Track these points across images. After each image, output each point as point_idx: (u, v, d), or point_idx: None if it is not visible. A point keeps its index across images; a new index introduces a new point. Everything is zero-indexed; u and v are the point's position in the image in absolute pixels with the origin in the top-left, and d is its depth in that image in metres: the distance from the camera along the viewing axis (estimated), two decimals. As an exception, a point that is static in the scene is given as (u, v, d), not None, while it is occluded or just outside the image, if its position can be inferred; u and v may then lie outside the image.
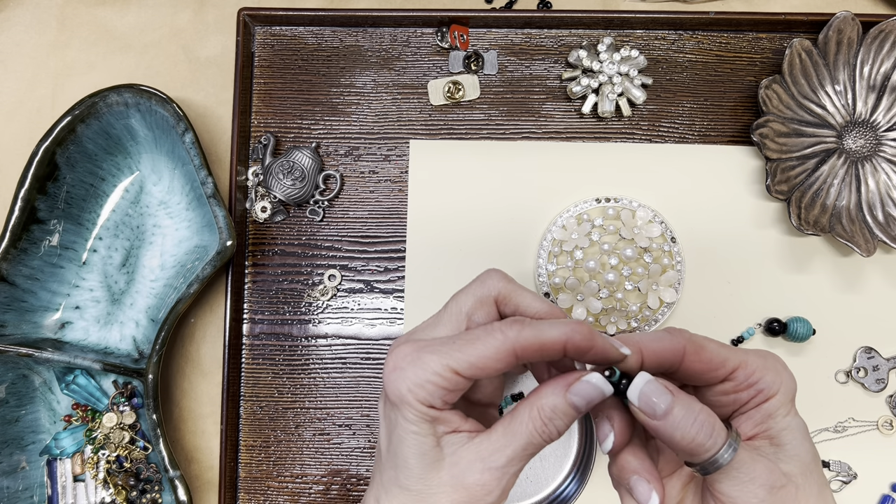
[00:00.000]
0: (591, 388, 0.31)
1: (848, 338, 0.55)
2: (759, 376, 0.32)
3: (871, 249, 0.51)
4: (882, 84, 0.54)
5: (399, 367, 0.31)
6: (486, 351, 0.30)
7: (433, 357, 0.30)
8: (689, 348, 0.32)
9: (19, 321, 0.53)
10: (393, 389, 0.31)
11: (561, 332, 0.30)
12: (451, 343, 0.31)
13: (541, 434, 0.31)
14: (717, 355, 0.32)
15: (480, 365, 0.30)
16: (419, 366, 0.30)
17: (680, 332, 0.32)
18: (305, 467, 0.56)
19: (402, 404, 0.31)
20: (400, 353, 0.31)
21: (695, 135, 0.56)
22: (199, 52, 0.59)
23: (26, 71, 0.59)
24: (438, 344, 0.31)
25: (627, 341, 0.31)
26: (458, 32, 0.56)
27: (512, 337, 0.30)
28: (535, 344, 0.30)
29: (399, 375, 0.31)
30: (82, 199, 0.55)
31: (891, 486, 0.54)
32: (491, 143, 0.57)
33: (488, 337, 0.30)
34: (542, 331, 0.30)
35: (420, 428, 0.31)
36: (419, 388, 0.30)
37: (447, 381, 0.30)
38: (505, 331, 0.30)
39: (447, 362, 0.30)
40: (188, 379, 0.57)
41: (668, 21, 0.56)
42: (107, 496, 0.54)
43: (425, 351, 0.31)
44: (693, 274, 0.55)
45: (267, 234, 0.57)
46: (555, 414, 0.31)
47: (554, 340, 0.30)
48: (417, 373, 0.30)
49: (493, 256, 0.56)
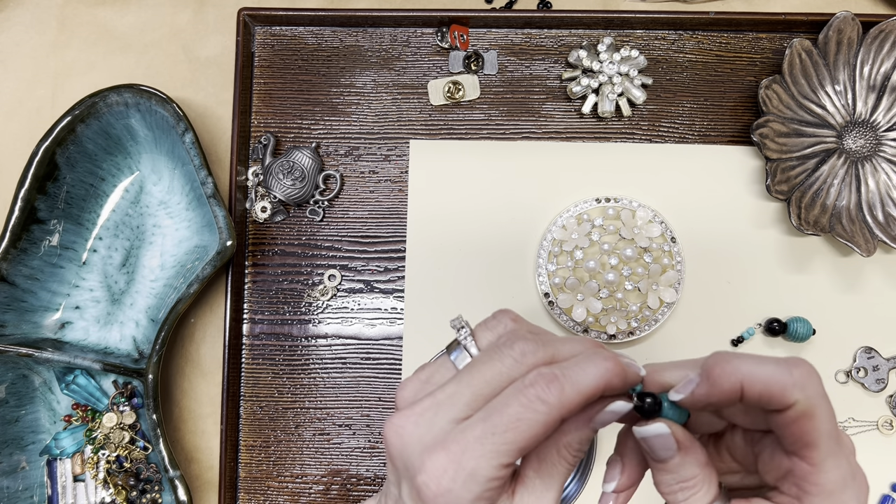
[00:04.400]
0: (615, 416, 0.28)
1: (848, 338, 0.55)
2: (816, 493, 0.27)
3: (871, 249, 0.51)
4: (882, 84, 0.54)
5: (446, 490, 0.26)
6: (533, 430, 0.26)
7: (482, 462, 0.26)
8: (801, 407, 0.26)
9: (19, 321, 0.53)
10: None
11: (599, 379, 0.27)
12: (489, 433, 0.26)
13: (573, 466, 0.29)
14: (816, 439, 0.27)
15: (531, 446, 0.26)
16: (471, 480, 0.26)
17: (807, 378, 0.26)
18: (305, 467, 0.56)
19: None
20: (437, 472, 0.26)
21: (695, 135, 0.56)
22: (199, 52, 0.59)
23: (26, 71, 0.59)
24: (475, 440, 0.26)
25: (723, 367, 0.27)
26: (458, 32, 0.56)
27: (556, 404, 0.26)
28: (579, 402, 0.26)
29: (451, 500, 0.26)
30: (82, 199, 0.55)
31: (891, 486, 0.54)
32: (491, 143, 0.56)
33: (528, 412, 0.26)
34: (580, 385, 0.26)
35: None
36: (479, 502, 0.26)
37: (503, 479, 0.27)
38: (544, 397, 0.26)
39: (498, 461, 0.26)
40: (188, 379, 0.57)
41: (668, 21, 0.56)
42: (107, 496, 0.54)
43: (467, 457, 0.26)
44: (693, 274, 0.55)
45: (267, 234, 0.57)
46: (581, 445, 0.29)
47: (594, 391, 0.27)
48: (472, 488, 0.26)
49: (493, 256, 0.56)
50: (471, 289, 0.56)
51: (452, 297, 0.55)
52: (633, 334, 0.53)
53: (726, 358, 0.27)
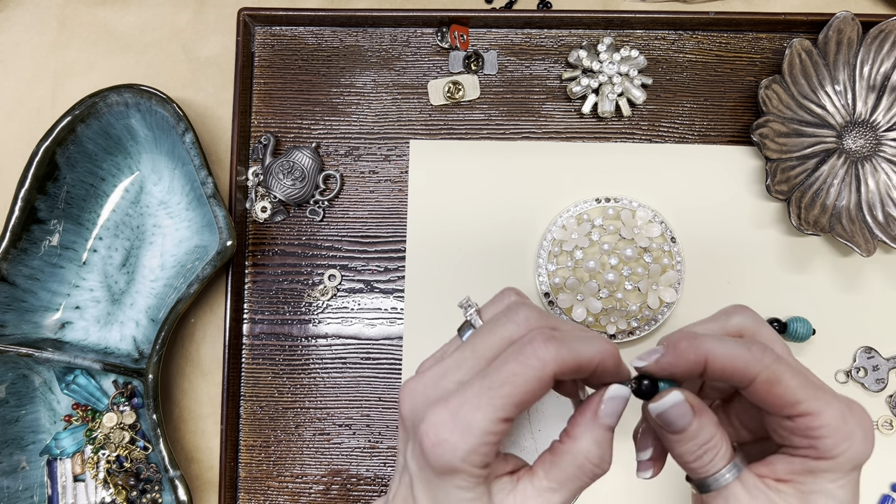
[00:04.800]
0: (617, 403, 0.30)
1: (848, 338, 0.55)
2: (824, 435, 0.28)
3: (871, 249, 0.51)
4: (882, 84, 0.54)
5: (443, 439, 0.27)
6: (528, 385, 0.27)
7: (478, 415, 0.27)
8: (763, 377, 0.28)
9: (19, 321, 0.53)
10: (443, 464, 0.27)
11: (595, 353, 0.28)
12: (486, 388, 0.27)
13: (585, 478, 0.30)
14: (792, 396, 0.28)
15: (527, 401, 0.27)
16: (467, 432, 0.27)
17: (762, 352, 0.28)
18: (305, 467, 0.56)
19: (456, 475, 0.28)
20: (436, 422, 0.27)
21: (695, 135, 0.56)
22: (199, 52, 0.59)
23: (26, 71, 0.59)
24: (473, 394, 0.27)
25: (690, 342, 0.28)
26: (458, 32, 0.56)
27: (550, 360, 0.27)
28: (574, 365, 0.28)
29: (447, 449, 0.27)
30: (82, 199, 0.55)
31: (891, 486, 0.54)
32: (491, 143, 0.57)
33: (524, 367, 0.27)
34: (576, 351, 0.28)
35: (475, 493, 0.28)
36: (474, 455, 0.27)
37: (499, 434, 0.27)
38: (540, 353, 0.27)
39: (495, 414, 0.27)
40: (188, 379, 0.57)
41: (668, 21, 0.56)
42: (107, 496, 0.54)
43: (465, 410, 0.27)
44: (693, 274, 0.55)
45: (267, 234, 0.57)
46: (599, 451, 0.30)
47: (589, 360, 0.28)
48: (467, 440, 0.27)
49: (493, 256, 0.56)
50: (471, 289, 0.56)
51: (452, 297, 0.55)
52: (633, 334, 0.53)
53: (692, 334, 0.29)
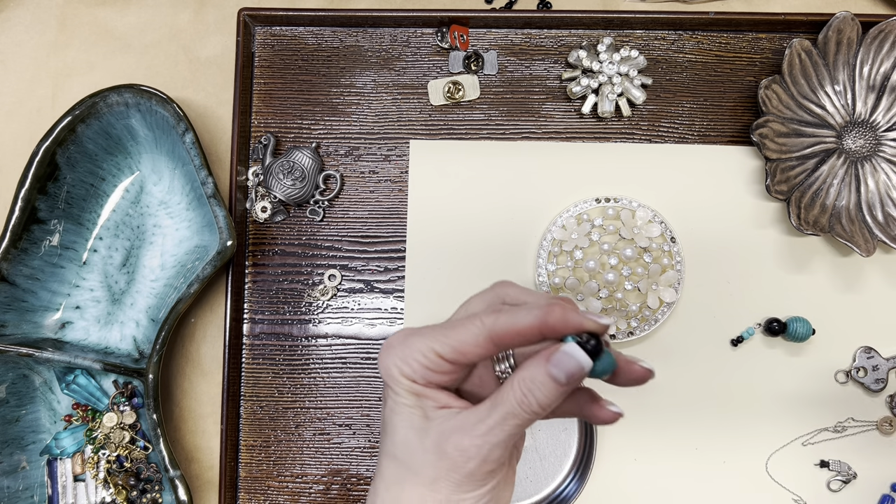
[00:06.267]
0: (568, 358, 0.31)
1: (848, 338, 0.55)
2: None
3: (871, 249, 0.51)
4: (882, 84, 0.54)
5: (390, 345, 0.34)
6: (466, 336, 0.32)
7: (419, 339, 0.33)
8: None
9: (20, 321, 0.53)
10: (382, 366, 0.34)
11: (534, 317, 0.31)
12: (437, 329, 0.33)
13: (520, 405, 0.32)
14: None
15: (461, 350, 0.32)
16: (406, 345, 0.33)
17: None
18: (305, 467, 0.56)
19: (390, 379, 0.33)
20: (393, 336, 0.34)
21: (695, 135, 0.56)
22: (200, 52, 0.59)
23: (26, 71, 0.59)
24: (428, 330, 0.33)
25: None
26: (458, 32, 0.57)
27: (489, 324, 0.32)
28: (511, 330, 0.31)
29: (388, 353, 0.34)
30: (82, 199, 0.55)
31: (891, 486, 0.54)
32: (491, 143, 0.57)
33: (468, 324, 0.32)
34: (516, 317, 0.31)
35: (408, 400, 0.33)
36: (404, 365, 0.33)
37: (429, 362, 0.33)
38: (483, 318, 0.32)
39: (431, 345, 0.32)
40: (188, 379, 0.57)
41: (667, 21, 0.56)
42: (107, 496, 0.54)
43: (414, 335, 0.33)
44: (693, 274, 0.55)
45: (267, 234, 0.57)
46: (534, 384, 0.31)
47: (528, 325, 0.31)
48: (404, 351, 0.33)
49: (492, 256, 0.56)
50: (471, 289, 0.55)
51: (452, 298, 0.55)
52: (632, 334, 0.53)
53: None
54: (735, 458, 0.54)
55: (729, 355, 0.55)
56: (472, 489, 0.33)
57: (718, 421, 0.54)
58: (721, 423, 0.54)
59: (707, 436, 0.54)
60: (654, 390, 0.54)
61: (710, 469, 0.54)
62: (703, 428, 0.54)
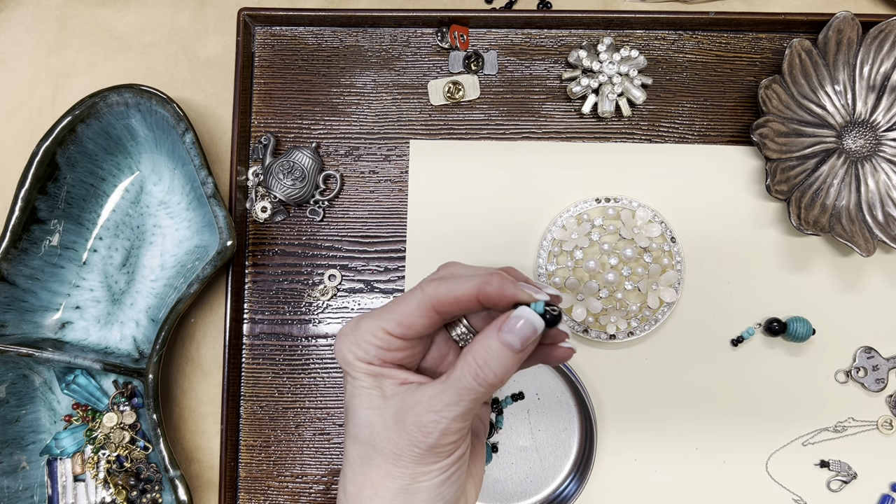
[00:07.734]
0: (520, 322, 0.32)
1: (848, 338, 0.55)
2: None
3: (871, 249, 0.51)
4: (882, 84, 0.54)
5: (343, 333, 0.35)
6: (408, 308, 0.33)
7: (368, 321, 0.34)
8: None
9: (19, 321, 0.53)
10: (338, 353, 0.35)
11: (473, 284, 0.32)
12: (384, 308, 0.35)
13: (475, 378, 0.32)
14: None
15: (406, 322, 0.33)
16: (357, 330, 0.35)
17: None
18: (305, 467, 0.56)
19: (346, 364, 0.35)
20: (346, 324, 0.36)
21: (695, 135, 0.56)
22: (200, 52, 0.59)
23: (26, 71, 0.59)
24: (375, 311, 0.35)
25: None
26: (458, 32, 0.57)
27: (429, 292, 0.33)
28: (450, 297, 0.33)
29: (342, 340, 0.35)
30: (82, 199, 0.55)
31: (891, 485, 0.54)
32: (491, 143, 0.57)
33: (410, 296, 0.34)
34: (455, 284, 0.33)
35: (366, 382, 0.34)
36: (357, 349, 0.34)
37: (380, 340, 0.34)
38: (424, 287, 0.33)
39: (379, 323, 0.34)
40: (188, 379, 0.57)
41: (668, 21, 0.56)
42: (107, 496, 0.54)
43: (363, 318, 0.35)
44: (693, 274, 0.55)
45: (267, 234, 0.57)
46: (489, 355, 0.32)
47: (467, 293, 0.32)
48: (356, 335, 0.34)
49: (492, 256, 0.56)
50: (471, 289, 0.56)
51: (452, 297, 0.55)
52: (632, 334, 0.53)
53: None
54: (735, 458, 0.54)
55: (729, 355, 0.55)
56: (435, 461, 0.33)
57: (718, 421, 0.54)
58: (721, 423, 0.54)
59: (707, 436, 0.54)
60: (654, 390, 0.55)
61: (710, 469, 0.54)
62: (703, 428, 0.54)
